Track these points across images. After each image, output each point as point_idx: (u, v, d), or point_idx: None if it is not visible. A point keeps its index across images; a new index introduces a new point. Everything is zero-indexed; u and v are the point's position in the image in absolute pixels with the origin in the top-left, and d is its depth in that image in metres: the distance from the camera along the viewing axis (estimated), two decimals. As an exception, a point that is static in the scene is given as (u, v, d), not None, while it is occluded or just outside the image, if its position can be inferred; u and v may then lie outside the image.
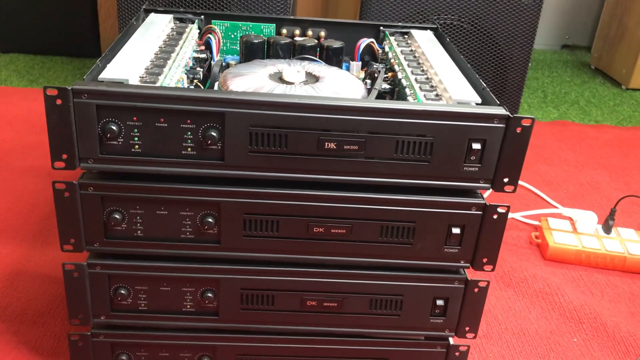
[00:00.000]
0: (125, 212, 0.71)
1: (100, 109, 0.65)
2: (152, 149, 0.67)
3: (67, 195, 0.68)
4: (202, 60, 0.89)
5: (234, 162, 0.68)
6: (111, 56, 0.75)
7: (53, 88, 0.63)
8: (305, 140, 0.68)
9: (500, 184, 0.71)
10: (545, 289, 1.08)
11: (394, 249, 0.74)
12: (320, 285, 0.76)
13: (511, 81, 1.53)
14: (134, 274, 0.74)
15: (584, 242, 1.17)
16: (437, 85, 0.78)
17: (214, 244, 0.73)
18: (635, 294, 1.10)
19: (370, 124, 0.67)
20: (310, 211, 0.72)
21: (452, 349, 0.81)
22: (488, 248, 0.74)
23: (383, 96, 0.86)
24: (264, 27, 0.98)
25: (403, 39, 0.97)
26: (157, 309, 0.76)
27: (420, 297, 0.77)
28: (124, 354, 0.79)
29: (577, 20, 2.57)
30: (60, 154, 0.66)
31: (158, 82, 0.71)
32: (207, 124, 0.67)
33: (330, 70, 0.84)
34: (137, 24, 0.89)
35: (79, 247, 0.71)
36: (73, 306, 0.75)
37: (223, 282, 0.75)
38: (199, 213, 0.71)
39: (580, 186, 1.46)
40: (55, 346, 0.88)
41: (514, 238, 1.24)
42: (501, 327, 0.99)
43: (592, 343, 0.97)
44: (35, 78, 1.86)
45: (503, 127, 0.68)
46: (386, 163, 0.69)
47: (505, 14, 1.46)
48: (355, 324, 0.79)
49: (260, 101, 0.66)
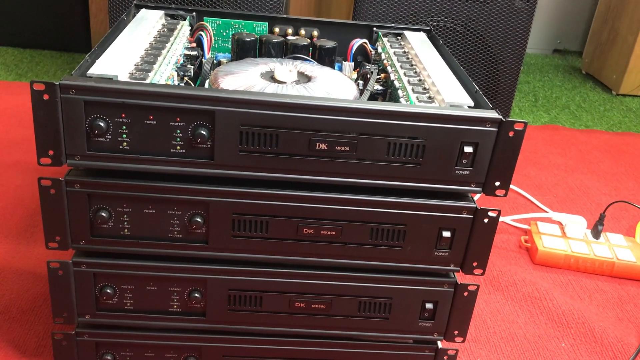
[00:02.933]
0: (112, 210, 0.70)
1: (88, 105, 0.64)
2: (141, 146, 0.66)
3: (53, 192, 0.67)
4: (193, 57, 0.88)
5: (223, 161, 0.67)
6: (100, 52, 0.74)
7: (40, 83, 0.62)
8: (296, 141, 0.67)
9: (491, 187, 0.71)
10: (534, 293, 1.08)
11: (384, 252, 0.74)
12: (309, 287, 0.75)
13: (503, 85, 1.53)
14: (120, 273, 0.73)
15: (573, 246, 1.17)
16: (430, 88, 0.78)
17: (202, 244, 0.72)
18: (623, 299, 1.10)
19: (362, 125, 0.67)
20: (300, 212, 0.71)
21: (440, 353, 0.81)
22: (478, 252, 0.74)
23: (375, 97, 0.85)
24: (256, 25, 0.97)
25: (396, 40, 0.96)
26: (143, 309, 0.75)
27: (409, 300, 0.77)
28: (108, 353, 0.78)
29: (568, 25, 2.58)
30: (47, 150, 0.65)
31: (148, 79, 0.70)
32: (197, 122, 0.66)
33: (322, 70, 0.84)
34: (128, 19, 0.88)
35: (65, 245, 0.70)
36: (57, 305, 0.74)
37: (210, 283, 0.74)
38: (187, 212, 0.70)
39: (570, 191, 1.47)
40: (38, 345, 0.86)
41: (504, 242, 1.24)
42: (490, 331, 0.99)
43: (580, 348, 0.97)
44: (23, 72, 1.83)
45: (495, 130, 0.68)
46: (377, 165, 0.69)
47: (498, 17, 1.46)
48: (343, 326, 0.78)
49: (251, 100, 0.65)
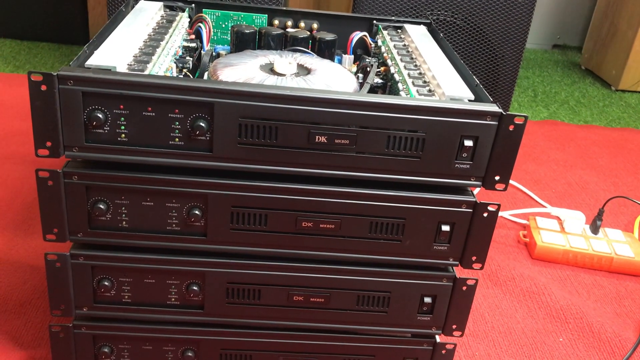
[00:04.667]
0: (110, 202, 0.69)
1: (86, 96, 0.63)
2: (139, 138, 0.66)
3: (51, 184, 0.67)
4: (192, 49, 0.88)
5: (222, 153, 0.67)
6: (99, 43, 0.73)
7: (38, 73, 0.61)
8: (295, 133, 0.67)
9: (491, 182, 0.70)
10: (532, 288, 1.08)
11: (383, 245, 0.74)
12: (308, 281, 0.75)
13: (503, 79, 1.53)
14: (118, 266, 0.73)
15: (571, 241, 1.17)
16: (430, 81, 0.77)
17: (201, 237, 0.72)
18: (621, 295, 1.10)
19: (362, 118, 0.66)
20: (299, 205, 0.71)
21: (438, 347, 0.81)
22: (477, 246, 0.74)
23: (375, 90, 0.85)
24: (255, 17, 0.96)
25: (396, 34, 0.96)
26: (141, 302, 0.75)
27: (408, 294, 0.77)
28: (106, 346, 0.77)
29: (568, 21, 2.58)
30: (45, 141, 0.64)
31: (146, 70, 0.69)
32: (196, 114, 0.65)
33: (322, 63, 0.83)
34: (127, 10, 0.88)
35: (62, 237, 0.70)
36: (55, 297, 0.73)
37: (209, 276, 0.74)
38: (185, 205, 0.70)
39: (569, 186, 1.47)
40: (36, 337, 0.86)
41: (502, 237, 1.23)
42: (488, 326, 0.99)
43: (578, 343, 0.97)
44: (21, 64, 1.83)
45: (496, 124, 0.67)
46: (377, 158, 0.69)
47: (499, 11, 1.45)
48: (341, 320, 0.78)
49: (250, 92, 0.65)
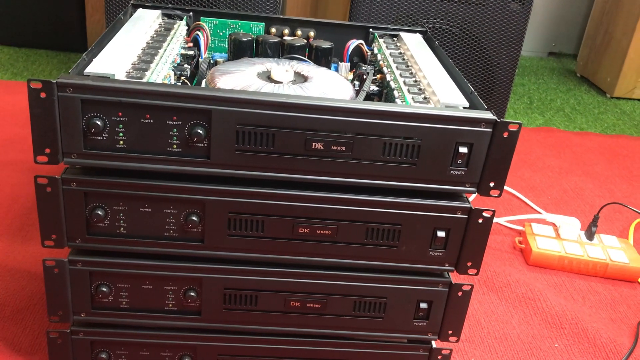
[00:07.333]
0: (108, 208, 0.70)
1: (85, 103, 0.64)
2: (137, 145, 0.67)
3: (50, 191, 0.67)
4: (190, 57, 0.89)
5: (220, 160, 0.68)
6: (97, 50, 0.74)
7: (37, 81, 0.62)
8: (292, 140, 0.67)
9: (486, 188, 0.71)
10: (528, 294, 1.08)
11: (379, 251, 0.74)
12: (304, 286, 0.76)
13: (498, 86, 1.54)
14: (116, 272, 0.73)
15: (566, 248, 1.18)
16: (426, 89, 0.78)
17: (198, 243, 0.72)
18: (616, 301, 1.11)
19: (358, 125, 0.67)
20: (295, 211, 0.71)
21: (434, 353, 0.81)
22: (472, 252, 0.74)
23: (371, 98, 0.86)
24: (253, 25, 0.97)
25: (392, 42, 0.97)
26: (138, 308, 0.76)
27: (404, 300, 0.77)
28: (103, 352, 0.78)
29: (563, 28, 2.59)
30: (43, 148, 0.65)
31: (144, 78, 0.70)
32: (194, 121, 0.66)
33: (318, 71, 0.84)
34: (125, 18, 0.88)
35: (61, 243, 0.70)
36: (53, 303, 0.74)
37: (206, 282, 0.74)
38: (183, 211, 0.71)
39: (564, 192, 1.47)
40: (33, 343, 0.86)
41: (498, 243, 1.24)
42: (483, 332, 1.00)
43: (573, 348, 0.98)
44: (19, 71, 1.83)
45: (490, 131, 0.68)
46: (373, 165, 0.69)
47: (494, 19, 1.47)
48: (338, 325, 0.79)
49: (247, 99, 0.65)
